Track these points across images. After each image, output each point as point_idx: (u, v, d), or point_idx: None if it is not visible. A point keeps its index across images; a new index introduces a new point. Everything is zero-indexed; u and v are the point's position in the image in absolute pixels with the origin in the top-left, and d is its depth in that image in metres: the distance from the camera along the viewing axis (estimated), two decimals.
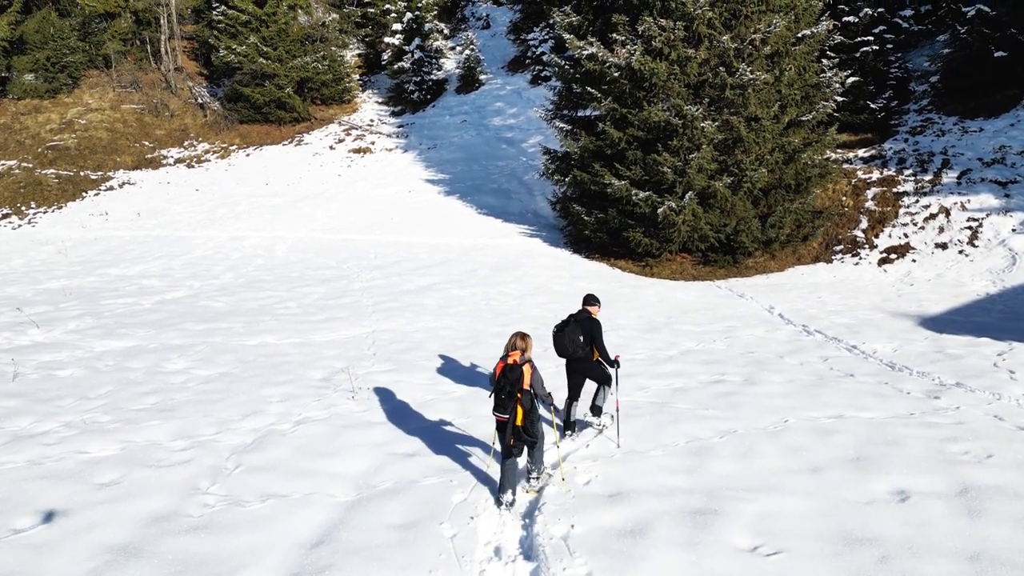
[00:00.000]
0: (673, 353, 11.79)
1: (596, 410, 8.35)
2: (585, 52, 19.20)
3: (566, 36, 19.96)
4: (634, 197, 18.52)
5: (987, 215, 17.48)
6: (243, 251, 22.06)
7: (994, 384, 9.61)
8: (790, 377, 10.25)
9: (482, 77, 35.57)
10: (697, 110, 17.79)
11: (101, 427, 8.37)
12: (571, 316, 7.98)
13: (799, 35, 18.60)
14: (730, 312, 14.96)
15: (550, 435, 7.68)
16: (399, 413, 8.89)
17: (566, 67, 21.00)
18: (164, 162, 32.51)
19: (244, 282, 18.06)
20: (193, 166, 32.31)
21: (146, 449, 7.71)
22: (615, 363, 7.93)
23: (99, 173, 31.05)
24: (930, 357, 11.15)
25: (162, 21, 38.12)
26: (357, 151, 32.49)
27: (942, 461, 7.26)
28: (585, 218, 20.37)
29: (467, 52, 34.87)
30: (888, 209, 18.96)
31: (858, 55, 21.63)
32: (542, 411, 7.62)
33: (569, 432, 8.21)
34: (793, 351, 11.84)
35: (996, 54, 19.66)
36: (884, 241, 18.29)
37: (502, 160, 29.18)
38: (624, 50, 18.59)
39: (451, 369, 10.84)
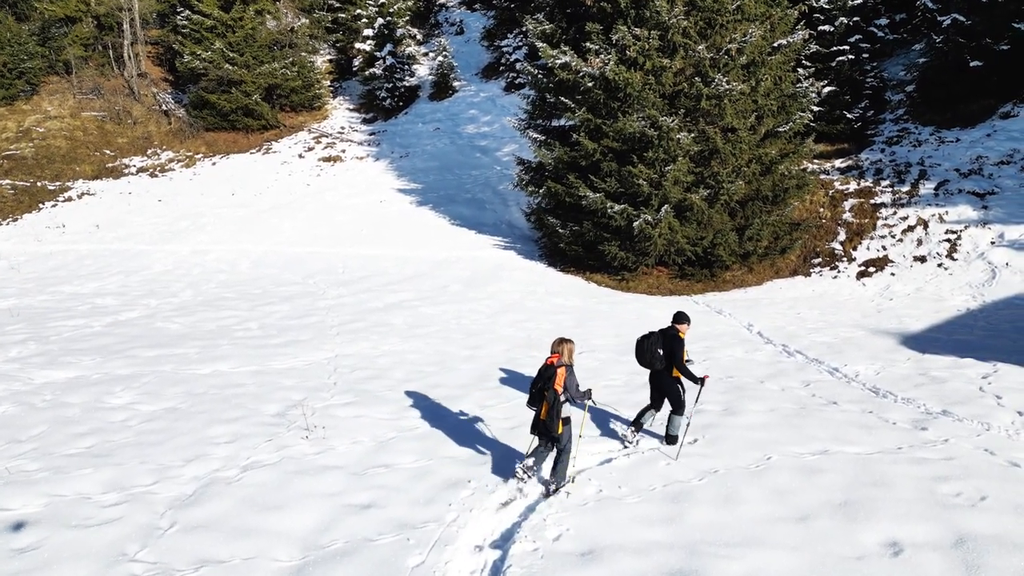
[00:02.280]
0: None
1: (669, 439, 8.24)
2: (558, 61, 18.71)
3: (539, 44, 19.47)
4: (609, 210, 18.06)
5: (965, 227, 17.27)
6: (205, 266, 21.21)
7: (982, 412, 9.22)
8: (771, 405, 9.79)
9: (456, 84, 34.99)
10: (673, 121, 17.38)
11: (27, 477, 7.63)
12: (660, 330, 8.15)
13: (775, 44, 18.30)
14: (708, 330, 14.52)
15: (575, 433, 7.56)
16: (356, 455, 8.26)
17: (539, 76, 20.50)
18: (126, 171, 31.44)
19: (204, 300, 17.26)
20: (156, 175, 31.29)
21: (73, 505, 6.99)
22: (700, 381, 7.88)
23: (57, 183, 29.91)
24: (914, 380, 10.77)
25: (125, 26, 36.99)
26: (327, 159, 31.72)
27: (934, 505, 6.82)
28: (560, 231, 19.87)
29: (440, 58, 34.27)
30: (866, 221, 18.70)
31: (834, 64, 21.41)
32: (573, 411, 7.51)
33: (632, 429, 8.36)
34: (773, 375, 11.40)
35: (972, 64, 19.53)
36: (862, 254, 18.01)
37: (476, 169, 28.61)
38: (598, 59, 18.14)
39: (416, 401, 10.21)
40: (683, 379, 8.11)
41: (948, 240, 17.14)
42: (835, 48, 21.45)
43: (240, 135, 34.54)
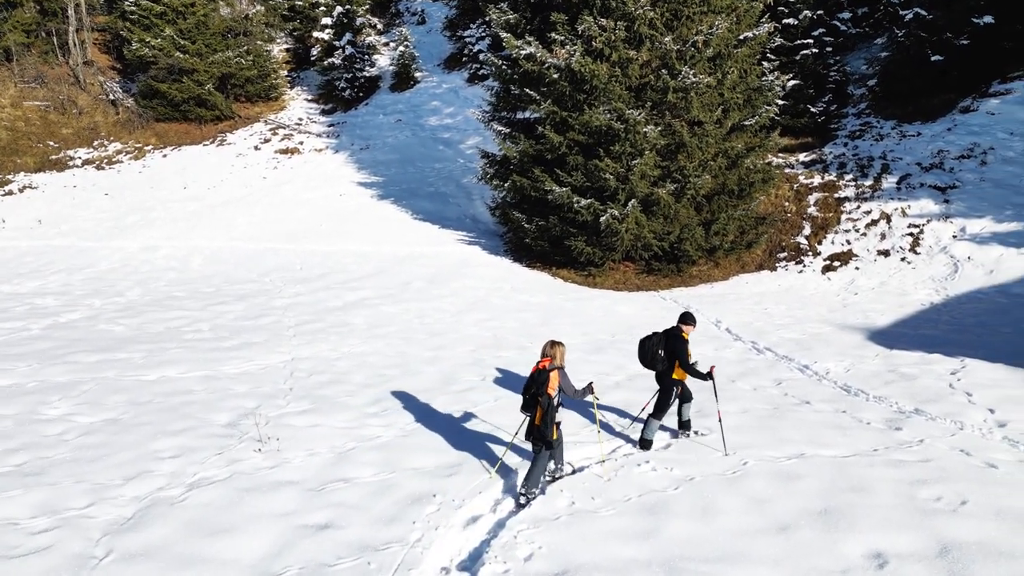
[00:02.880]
0: (620, 378, 10.99)
1: (643, 444, 8.16)
2: (523, 52, 18.26)
3: (503, 34, 18.99)
4: (576, 204, 17.73)
5: (928, 221, 17.38)
6: (154, 263, 20.26)
7: (954, 410, 9.12)
8: (744, 406, 9.57)
9: (417, 75, 34.25)
10: (639, 114, 17.10)
11: None
12: (664, 330, 8.09)
13: (741, 37, 18.14)
14: None
15: (586, 430, 7.92)
16: (313, 469, 7.75)
17: (503, 67, 20.02)
18: (71, 164, 30.00)
19: (152, 300, 16.42)
20: (103, 168, 29.92)
21: None
22: (709, 376, 7.76)
23: None
24: (884, 377, 10.67)
25: (70, 11, 35.26)
26: (284, 152, 30.74)
27: (915, 511, 6.62)
28: (525, 225, 19.47)
29: (401, 48, 33.49)
30: (830, 215, 18.73)
31: (798, 58, 21.40)
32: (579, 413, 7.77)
33: (683, 432, 8.37)
34: (744, 373, 11.20)
35: (933, 58, 19.67)
36: (827, 248, 18.02)
37: (439, 162, 28.02)
38: (563, 50, 17.75)
39: (377, 407, 9.72)
40: (690, 379, 8.02)
41: (911, 234, 17.23)
42: (799, 42, 21.44)
43: (192, 126, 33.28)
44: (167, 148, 31.70)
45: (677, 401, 8.19)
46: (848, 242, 17.88)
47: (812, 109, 21.38)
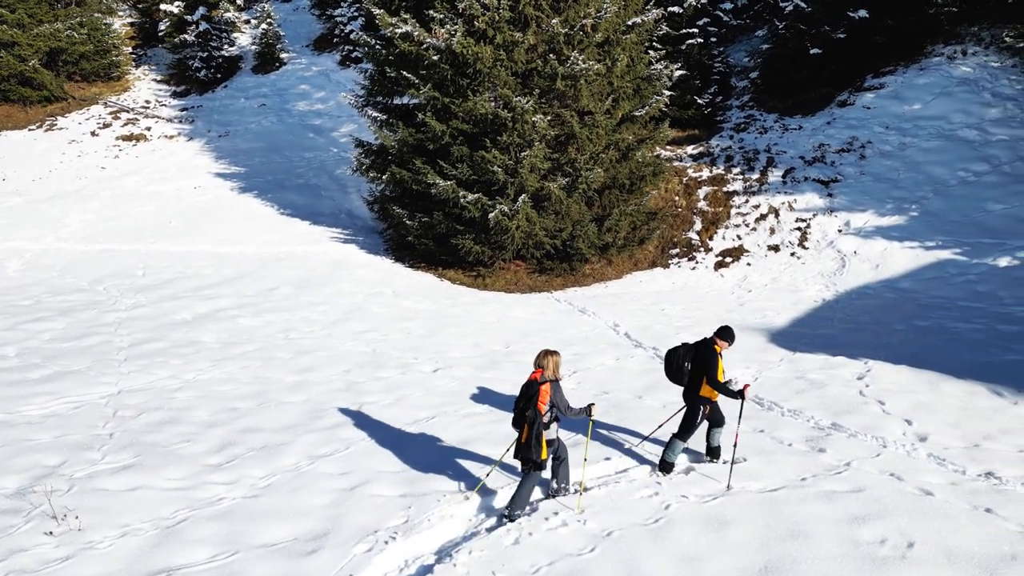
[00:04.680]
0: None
1: (664, 466, 7.36)
2: (398, 31, 16.50)
3: (376, 11, 17.12)
4: (462, 199, 16.26)
5: (814, 215, 17.38)
6: None
7: (872, 423, 8.54)
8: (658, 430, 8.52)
9: (284, 56, 31.36)
10: (527, 102, 15.86)
11: None
12: (695, 342, 7.38)
13: (629, 23, 17.34)
14: (574, 333, 13.20)
15: (576, 453, 7.17)
16: (125, 556, 5.88)
17: (377, 47, 18.15)
18: None
19: None
20: None
21: None
22: (740, 395, 6.94)
23: None
24: (794, 386, 10.04)
25: None
26: (128, 138, 27.05)
27: (863, 560, 5.78)
28: (407, 222, 17.77)
29: (264, 26, 30.49)
30: (720, 209, 18.41)
31: (684, 48, 21.00)
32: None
33: (710, 459, 7.54)
34: (650, 387, 10.24)
35: (812, 51, 19.81)
36: (719, 243, 17.66)
37: (309, 151, 25.59)
38: (443, 30, 16.17)
39: (222, 455, 7.85)
40: (721, 399, 7.24)
41: (799, 229, 17.15)
42: (685, 31, 21.04)
43: (15, 108, 28.72)
44: None
45: (706, 424, 7.36)
46: (739, 237, 17.59)
47: (699, 101, 21.08)
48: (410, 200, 18.12)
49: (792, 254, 16.64)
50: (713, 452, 7.52)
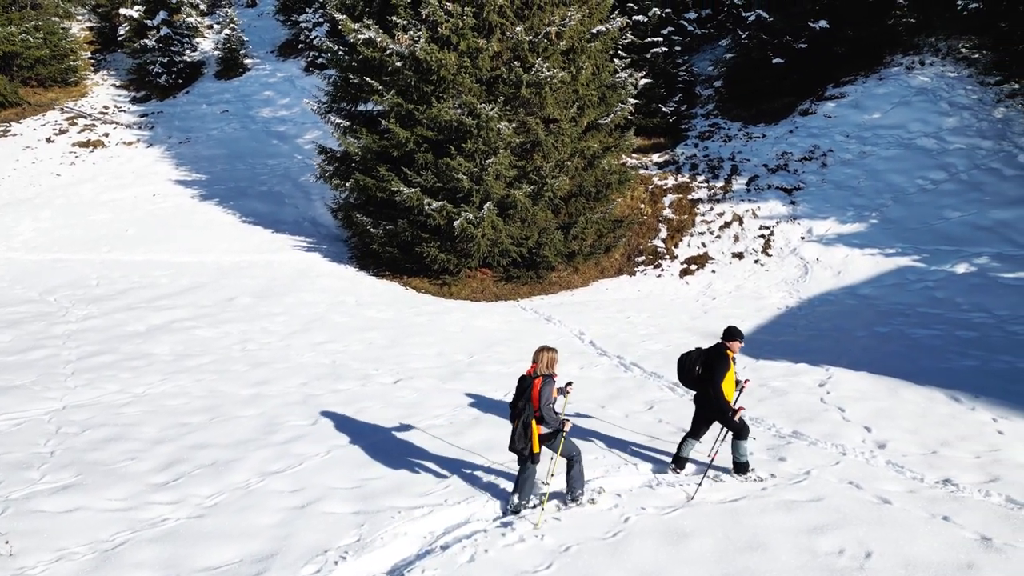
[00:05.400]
0: (478, 413, 9.49)
1: (737, 467, 7.18)
2: (361, 36, 16.32)
3: (339, 16, 16.92)
4: (427, 207, 16.08)
5: (777, 223, 17.52)
6: None
7: (832, 430, 8.54)
8: (619, 438, 8.44)
9: (247, 61, 30.90)
10: (492, 109, 15.76)
11: None
12: (708, 347, 7.25)
13: (594, 31, 17.36)
14: (539, 342, 13.02)
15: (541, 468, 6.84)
16: None
17: (340, 53, 17.93)
18: None
19: None
20: None
21: None
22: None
23: None
24: (757, 394, 10.02)
25: None
26: (85, 144, 26.34)
27: (820, 571, 5.72)
28: (372, 230, 17.51)
29: (227, 31, 30.01)
30: (685, 217, 18.48)
31: (649, 56, 21.12)
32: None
33: (674, 467, 7.41)
34: (614, 396, 10.14)
35: (774, 60, 20.05)
36: (684, 251, 17.71)
37: (273, 158, 25.17)
38: (406, 36, 16.03)
39: (168, 472, 7.54)
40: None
41: (763, 236, 17.28)
42: (649, 39, 21.16)
43: None
44: None
45: (732, 438, 7.18)
46: (704, 244, 17.66)
47: (664, 109, 21.20)
48: (374, 208, 17.88)
49: (756, 261, 16.75)
50: (740, 468, 7.29)
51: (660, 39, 21.27)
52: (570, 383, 6.98)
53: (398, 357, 11.92)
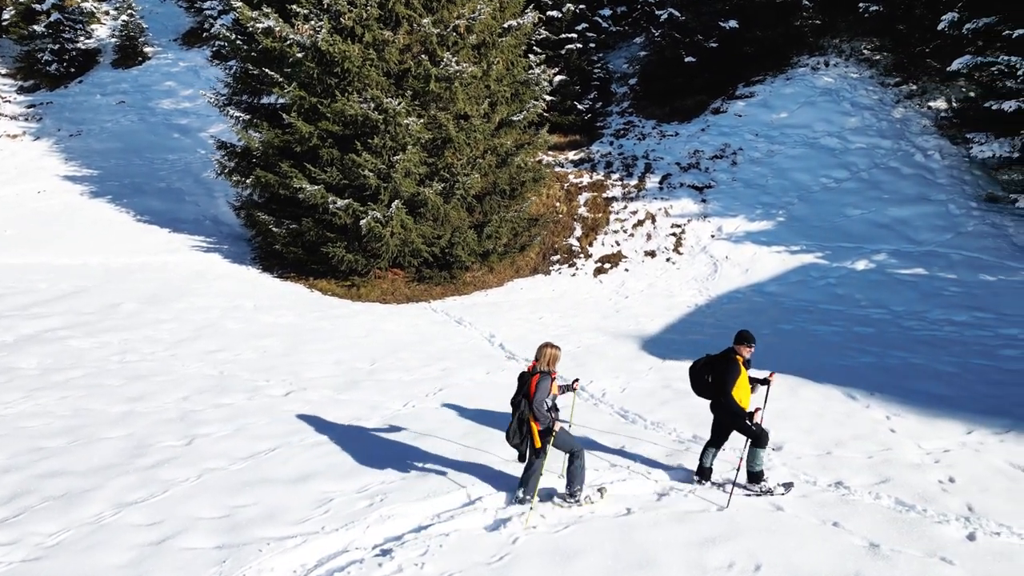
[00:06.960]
0: (374, 423, 8.97)
1: (751, 476, 6.90)
2: (260, 25, 15.43)
3: (236, 3, 15.94)
4: (332, 205, 15.37)
5: (688, 221, 17.63)
6: None
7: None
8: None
9: (148, 50, 29.12)
10: (400, 104, 15.17)
11: None
12: (716, 355, 7.00)
13: (505, 26, 16.99)
14: (447, 345, 12.63)
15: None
16: None
17: (239, 42, 16.94)
18: None
19: None
20: None
21: None
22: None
23: None
24: (659, 396, 9.91)
25: None
26: None
27: None
28: (275, 229, 16.64)
29: (125, 18, 28.17)
30: (600, 216, 18.38)
31: (563, 52, 20.94)
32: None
33: (698, 478, 7.16)
34: None
35: (687, 59, 20.20)
36: (598, 249, 17.61)
37: (173, 153, 23.75)
38: (307, 26, 15.24)
39: (10, 507, 6.71)
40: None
41: (674, 234, 17.34)
42: (564, 35, 20.98)
43: None
44: None
45: (749, 445, 6.87)
46: (617, 243, 17.60)
47: (579, 106, 21.07)
48: (278, 206, 17.01)
49: (668, 259, 16.80)
50: (754, 477, 6.96)
51: (575, 35, 21.12)
52: (576, 380, 7.04)
53: (293, 366, 11.24)
